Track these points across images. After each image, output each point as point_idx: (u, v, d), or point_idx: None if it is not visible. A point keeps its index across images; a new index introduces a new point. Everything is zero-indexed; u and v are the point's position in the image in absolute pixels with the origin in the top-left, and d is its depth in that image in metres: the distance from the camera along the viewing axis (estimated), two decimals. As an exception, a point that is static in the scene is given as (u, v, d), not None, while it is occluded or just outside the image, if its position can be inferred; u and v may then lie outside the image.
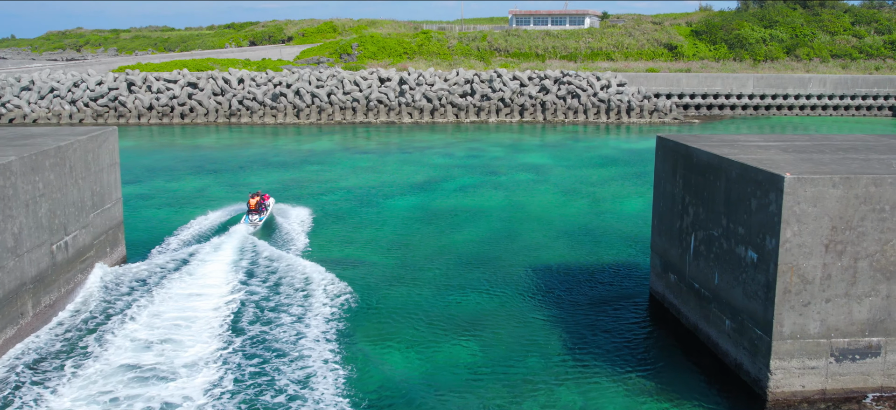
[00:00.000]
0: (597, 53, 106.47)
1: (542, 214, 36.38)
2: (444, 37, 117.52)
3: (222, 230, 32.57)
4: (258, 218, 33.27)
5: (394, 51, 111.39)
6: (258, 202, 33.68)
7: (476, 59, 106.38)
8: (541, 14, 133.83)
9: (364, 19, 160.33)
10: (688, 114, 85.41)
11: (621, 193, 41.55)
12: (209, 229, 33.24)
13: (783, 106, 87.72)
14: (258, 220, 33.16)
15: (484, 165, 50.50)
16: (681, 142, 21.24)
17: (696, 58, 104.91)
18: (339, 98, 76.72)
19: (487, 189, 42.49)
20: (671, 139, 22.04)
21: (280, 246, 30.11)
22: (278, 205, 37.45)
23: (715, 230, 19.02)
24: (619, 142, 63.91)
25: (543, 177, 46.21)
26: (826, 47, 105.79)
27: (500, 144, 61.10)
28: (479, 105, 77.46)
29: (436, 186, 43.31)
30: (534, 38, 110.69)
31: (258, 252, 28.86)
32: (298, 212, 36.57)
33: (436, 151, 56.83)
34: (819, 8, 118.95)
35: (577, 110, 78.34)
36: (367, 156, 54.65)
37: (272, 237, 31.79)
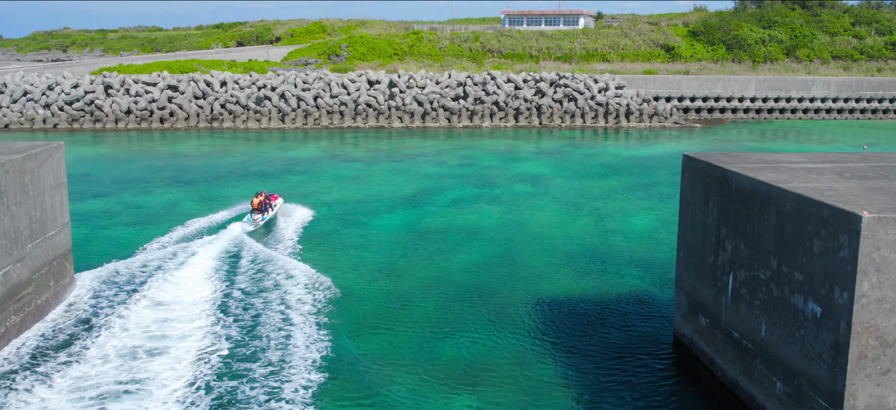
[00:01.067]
0: (592, 54, 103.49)
1: (544, 234, 33.17)
2: (436, 37, 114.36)
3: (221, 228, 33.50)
4: (260, 217, 34.18)
5: (384, 52, 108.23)
6: (261, 201, 34.52)
7: (468, 60, 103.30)
8: (534, 14, 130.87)
9: (353, 19, 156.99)
10: (688, 117, 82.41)
11: (628, 209, 38.38)
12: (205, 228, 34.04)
13: (786, 109, 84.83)
14: (260, 220, 34.08)
15: (478, 175, 47.31)
16: (715, 164, 18.08)
17: (694, 59, 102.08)
18: (326, 101, 73.41)
19: (483, 203, 39.27)
20: (702, 159, 18.87)
21: (256, 266, 26.86)
22: (286, 205, 38.07)
23: (761, 272, 15.87)
24: (619, 148, 60.79)
25: (542, 190, 43.04)
26: (826, 48, 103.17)
27: (495, 151, 57.93)
28: (472, 109, 74.29)
29: (427, 200, 40.07)
30: (527, 39, 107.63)
31: (234, 278, 25.66)
32: (302, 214, 36.95)
33: (427, 159, 53.61)
34: (818, 8, 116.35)
35: (574, 114, 75.24)
36: (354, 164, 51.38)
37: (249, 255, 28.54)
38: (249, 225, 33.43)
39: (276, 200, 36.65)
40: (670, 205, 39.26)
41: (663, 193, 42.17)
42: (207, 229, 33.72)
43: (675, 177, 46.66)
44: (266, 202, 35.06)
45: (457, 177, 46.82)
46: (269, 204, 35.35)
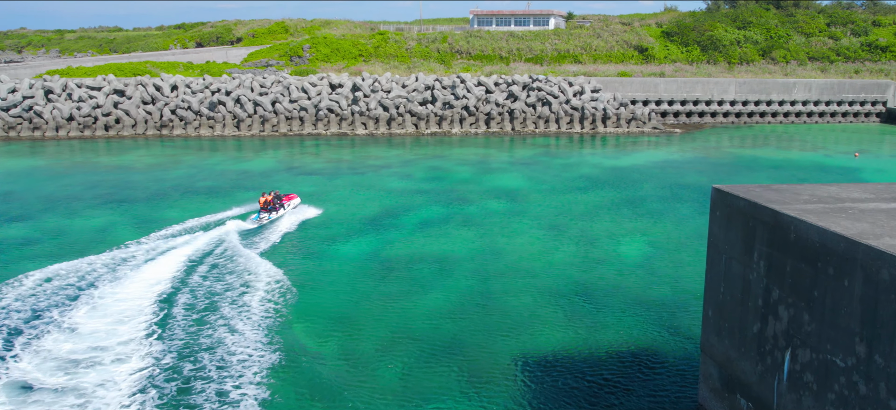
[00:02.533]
0: (564, 56, 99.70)
1: (524, 266, 28.92)
2: (402, 38, 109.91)
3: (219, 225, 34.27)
4: (267, 216, 35.71)
5: (348, 53, 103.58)
6: (267, 201, 36.00)
7: (436, 61, 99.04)
8: (503, 14, 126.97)
9: (318, 20, 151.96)
10: (667, 122, 78.86)
11: (616, 231, 34.28)
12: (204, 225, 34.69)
13: (766, 113, 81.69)
14: (266, 218, 35.61)
15: (449, 191, 42.99)
16: (762, 204, 13.93)
17: (668, 60, 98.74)
18: (285, 107, 68.68)
19: (455, 226, 34.94)
20: (742, 196, 14.71)
21: (192, 316, 22.33)
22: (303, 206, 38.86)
23: (836, 355, 11.76)
24: (598, 157, 56.84)
25: (520, 208, 38.82)
26: (802, 49, 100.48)
27: (467, 161, 53.67)
28: (440, 114, 69.99)
29: (391, 223, 35.63)
30: (497, 40, 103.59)
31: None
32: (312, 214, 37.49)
33: (393, 172, 49.20)
34: (793, 8, 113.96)
35: (548, 119, 71.25)
36: (313, 178, 46.78)
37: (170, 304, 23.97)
38: (253, 224, 34.98)
39: (290, 201, 38.06)
40: (662, 225, 35.26)
41: (652, 211, 38.19)
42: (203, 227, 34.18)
43: (663, 191, 42.79)
44: (274, 202, 36.34)
45: (425, 192, 42.45)
46: (279, 203, 36.65)
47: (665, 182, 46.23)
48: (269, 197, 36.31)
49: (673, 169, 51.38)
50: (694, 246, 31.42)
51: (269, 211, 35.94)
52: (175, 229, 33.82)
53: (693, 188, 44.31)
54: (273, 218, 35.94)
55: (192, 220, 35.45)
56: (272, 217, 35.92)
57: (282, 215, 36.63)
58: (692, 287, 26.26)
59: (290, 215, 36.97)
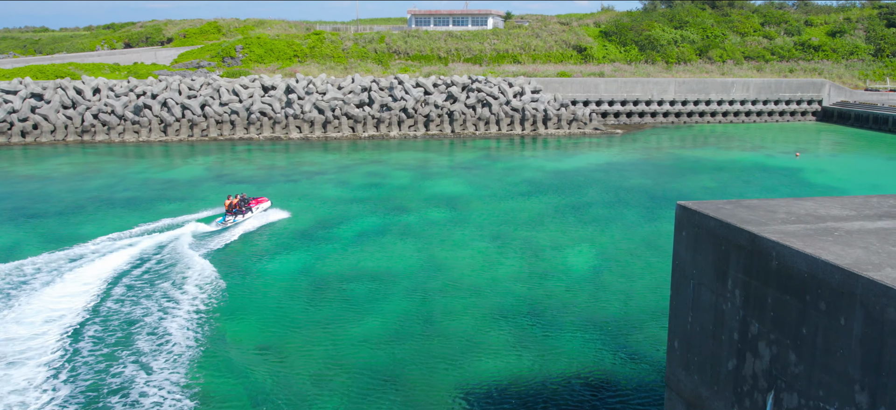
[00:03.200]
0: (503, 56, 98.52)
1: (467, 281, 27.11)
2: (339, 38, 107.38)
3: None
4: (231, 219, 35.04)
5: (283, 53, 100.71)
6: (232, 204, 35.52)
7: (373, 62, 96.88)
8: (441, 14, 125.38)
9: (252, 19, 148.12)
10: (608, 123, 78.13)
11: (562, 241, 32.73)
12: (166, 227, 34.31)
13: (705, 112, 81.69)
14: (230, 221, 34.94)
15: (387, 198, 40.98)
16: (735, 225, 12.30)
17: (607, 60, 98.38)
18: (215, 110, 65.72)
19: (393, 238, 32.95)
20: (712, 215, 13.07)
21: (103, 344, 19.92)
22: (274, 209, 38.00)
23: (831, 404, 10.17)
24: (540, 160, 55.47)
25: (461, 216, 37.04)
26: (738, 49, 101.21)
27: (405, 166, 51.72)
28: (378, 116, 67.88)
29: (325, 235, 33.46)
30: (435, 40, 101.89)
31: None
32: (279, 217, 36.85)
33: (328, 178, 46.96)
34: (728, 8, 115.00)
35: (488, 121, 69.73)
36: (243, 186, 44.24)
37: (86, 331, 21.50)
38: (215, 227, 34.38)
39: (259, 204, 37.36)
40: (609, 232, 33.86)
41: (598, 217, 36.80)
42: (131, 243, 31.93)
43: (607, 196, 41.53)
44: (240, 205, 35.81)
45: (362, 201, 40.34)
46: (245, 207, 36.06)
47: (609, 186, 45.01)
48: (235, 200, 35.98)
49: (616, 171, 50.26)
50: (644, 256, 30.05)
51: (234, 213, 35.46)
52: (88, 248, 31.11)
53: (638, 192, 43.16)
54: (237, 221, 35.28)
55: (105, 237, 32.69)
56: (237, 220, 35.29)
57: (247, 218, 35.94)
58: (646, 303, 24.80)
59: (256, 219, 36.25)
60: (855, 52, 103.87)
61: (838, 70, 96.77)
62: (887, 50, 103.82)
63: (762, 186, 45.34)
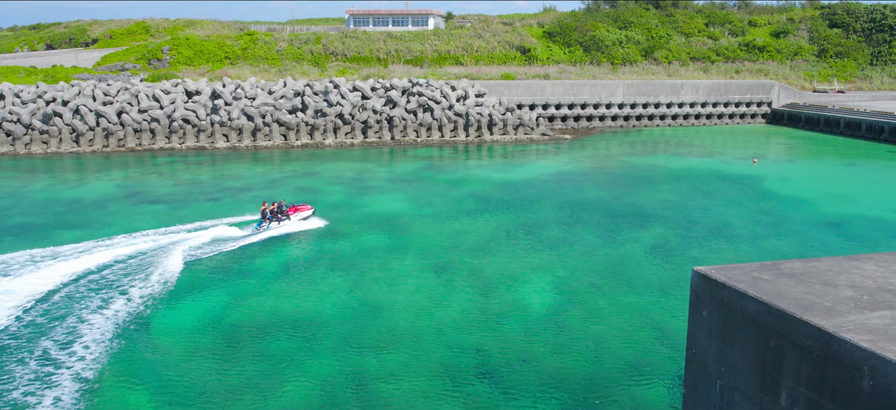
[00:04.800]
0: (445, 57, 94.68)
1: (409, 328, 23.04)
2: (273, 39, 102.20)
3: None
4: (266, 225, 34.37)
5: (213, 55, 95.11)
6: (265, 210, 34.72)
7: (310, 64, 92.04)
8: (381, 14, 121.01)
9: (182, 19, 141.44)
10: (555, 127, 74.88)
11: (516, 269, 28.88)
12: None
13: (654, 115, 79.10)
14: (265, 227, 34.26)
15: (317, 222, 36.59)
16: (791, 314, 8.47)
17: (551, 61, 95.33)
18: (133, 118, 60.35)
19: (322, 271, 28.66)
20: (751, 294, 9.22)
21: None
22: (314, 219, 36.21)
23: None
24: (486, 169, 51.72)
25: (402, 241, 32.94)
26: (683, 49, 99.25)
27: (340, 179, 47.40)
28: (312, 123, 63.31)
29: (244, 269, 28.98)
30: (374, 41, 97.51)
31: None
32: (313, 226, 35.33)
33: (253, 196, 42.36)
34: (672, 8, 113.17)
35: (430, 127, 65.74)
36: (156, 208, 39.42)
37: None
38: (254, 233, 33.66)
39: (297, 212, 35.75)
40: (567, 258, 30.16)
41: (554, 240, 33.10)
42: None
43: (561, 213, 37.94)
44: (277, 211, 34.88)
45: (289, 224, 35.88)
46: (282, 215, 34.94)
47: (563, 200, 41.44)
48: (272, 205, 35.22)
49: (568, 182, 46.79)
50: (609, 290, 26.38)
51: (269, 220, 34.57)
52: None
53: (594, 207, 39.66)
54: (270, 227, 34.37)
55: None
56: (270, 227, 34.41)
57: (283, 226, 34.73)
58: (617, 354, 21.11)
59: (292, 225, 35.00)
60: (799, 53, 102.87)
61: (784, 71, 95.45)
62: (830, 50, 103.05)
63: (725, 198, 42.27)
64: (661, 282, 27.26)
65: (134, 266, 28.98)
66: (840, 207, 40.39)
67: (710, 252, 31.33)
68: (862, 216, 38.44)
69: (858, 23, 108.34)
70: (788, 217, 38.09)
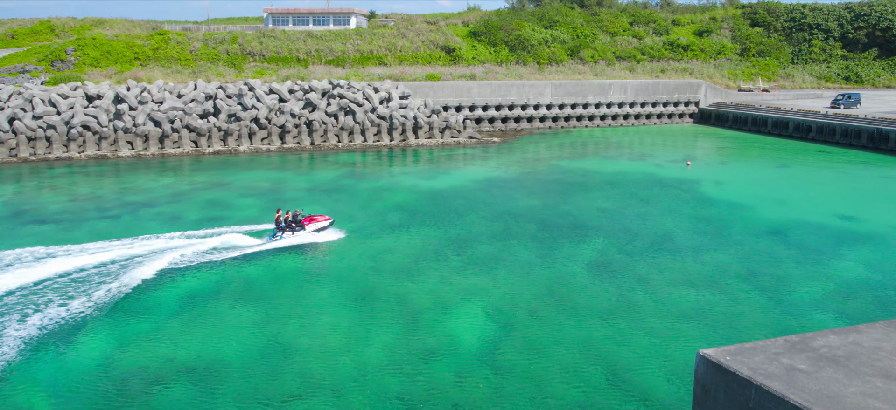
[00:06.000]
0: (367, 57, 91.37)
1: (325, 375, 19.92)
2: (186, 39, 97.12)
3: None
4: (280, 235, 33.00)
5: (122, 56, 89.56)
6: (278, 219, 33.22)
7: (226, 65, 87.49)
8: (301, 12, 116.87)
9: (90, 19, 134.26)
10: (482, 129, 72.46)
11: (445, 295, 26.04)
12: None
13: (583, 116, 77.52)
14: (279, 237, 32.89)
15: (225, 244, 33.01)
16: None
17: (477, 61, 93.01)
18: (26, 125, 55.35)
19: (228, 304, 25.24)
20: (787, 397, 6.59)
21: None
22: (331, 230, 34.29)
23: None
24: (411, 176, 48.83)
25: (319, 264, 29.75)
26: (609, 49, 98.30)
27: (254, 191, 43.81)
28: (225, 128, 59.32)
29: (137, 304, 25.31)
30: (294, 40, 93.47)
31: None
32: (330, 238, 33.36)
33: (156, 212, 38.49)
34: (597, 7, 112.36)
35: (352, 131, 62.46)
36: (42, 229, 35.21)
37: None
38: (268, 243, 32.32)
39: (313, 223, 33.93)
40: (502, 279, 27.47)
41: (486, 258, 30.41)
42: None
43: (494, 225, 35.36)
44: (291, 221, 33.40)
45: (192, 247, 32.17)
46: (296, 224, 33.40)
47: (494, 211, 38.84)
48: (286, 214, 33.74)
49: (499, 190, 44.26)
50: (551, 318, 23.78)
51: (282, 230, 33.11)
52: None
53: (527, 218, 37.17)
54: (283, 237, 32.95)
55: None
56: (283, 236, 32.94)
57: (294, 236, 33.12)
58: (565, 395, 18.49)
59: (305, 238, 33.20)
60: (722, 52, 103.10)
61: (708, 70, 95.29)
62: (752, 49, 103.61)
63: (664, 206, 40.32)
64: (605, 306, 24.82)
65: (8, 305, 25.05)
66: (780, 213, 38.86)
67: (654, 268, 29.08)
68: (803, 222, 36.94)
69: (779, 22, 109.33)
70: (729, 225, 36.29)
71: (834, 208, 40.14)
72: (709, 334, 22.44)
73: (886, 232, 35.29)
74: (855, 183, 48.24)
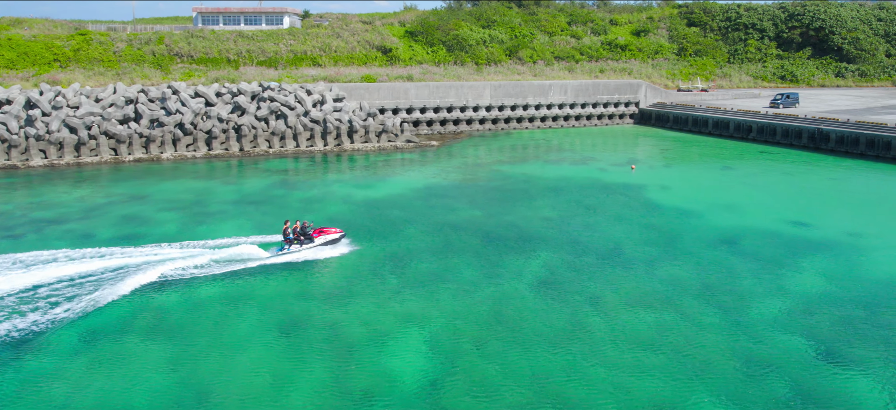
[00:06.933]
0: (301, 58, 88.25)
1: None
2: (109, 39, 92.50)
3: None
4: (288, 248, 31.31)
5: (40, 58, 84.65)
6: (287, 230, 31.38)
7: (151, 66, 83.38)
8: (231, 12, 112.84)
9: (6, 18, 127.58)
10: (420, 133, 70.21)
11: (383, 324, 23.67)
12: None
13: (523, 117, 75.93)
14: (287, 250, 31.20)
15: (139, 265, 29.97)
16: None
17: (414, 61, 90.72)
18: (-73, 134, 51.11)
19: (137, 338, 22.41)
20: None
21: None
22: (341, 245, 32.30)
23: None
24: (346, 186, 46.32)
25: (243, 289, 27.00)
26: (547, 49, 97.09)
27: (176, 204, 40.72)
28: (147, 134, 55.81)
29: (29, 341, 22.31)
30: (223, 41, 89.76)
31: None
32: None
33: (65, 230, 35.18)
34: (535, 7, 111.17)
35: (284, 136, 59.53)
36: None
37: None
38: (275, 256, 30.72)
39: (323, 235, 32.27)
40: (442, 303, 25.22)
41: (424, 277, 28.14)
42: None
43: (433, 240, 33.21)
44: (300, 233, 31.79)
45: (105, 272, 29.03)
46: (305, 237, 31.80)
47: (433, 222, 36.60)
48: (296, 225, 32.04)
49: (438, 199, 42.05)
50: (494, 345, 21.61)
51: (290, 242, 31.40)
52: None
53: (469, 230, 35.03)
54: (291, 249, 31.32)
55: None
56: (291, 249, 31.33)
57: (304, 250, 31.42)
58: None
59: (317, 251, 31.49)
60: (660, 51, 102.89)
61: (646, 69, 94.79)
62: (690, 49, 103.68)
63: (610, 213, 38.61)
64: (556, 332, 22.78)
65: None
66: (730, 220, 37.51)
67: (606, 285, 27.18)
68: (754, 229, 35.61)
69: (715, 21, 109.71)
70: (680, 234, 34.72)
71: (784, 213, 38.98)
72: (671, 365, 20.56)
73: (839, 238, 34.16)
74: (800, 185, 47.41)
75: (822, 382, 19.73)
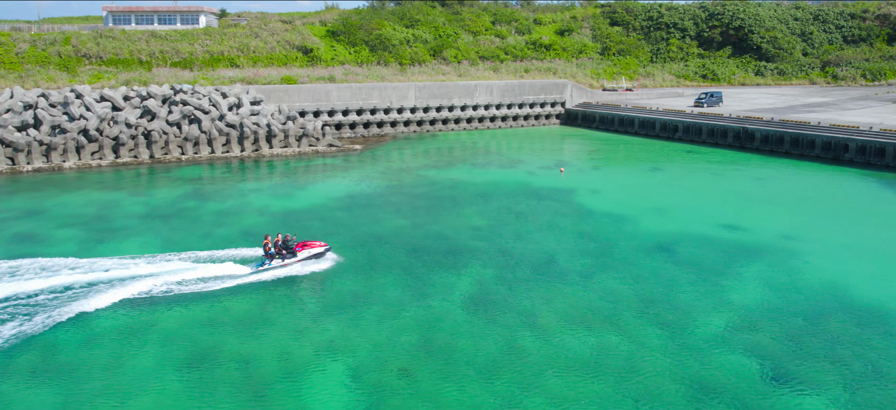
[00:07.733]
0: (218, 59, 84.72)
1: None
2: (10, 40, 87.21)
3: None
4: (268, 263, 29.45)
5: (-68, 60, 79.25)
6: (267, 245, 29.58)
7: (57, 68, 78.73)
8: (144, 11, 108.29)
9: None
10: (343, 136, 67.86)
11: (298, 356, 21.50)
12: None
13: (449, 119, 74.28)
14: (267, 266, 29.31)
15: (32, 292, 27.04)
16: None
17: (336, 62, 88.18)
18: None
19: (19, 382, 19.71)
20: None
21: None
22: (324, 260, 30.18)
23: None
24: (264, 195, 43.79)
25: (144, 316, 24.42)
26: (472, 48, 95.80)
27: (76, 219, 37.55)
28: (48, 142, 52.02)
29: None
30: (135, 41, 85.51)
31: None
32: None
33: (-53, 251, 31.85)
34: (458, 7, 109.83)
35: (197, 142, 56.41)
36: None
37: None
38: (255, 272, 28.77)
39: (306, 249, 30.21)
40: (364, 329, 23.21)
41: (346, 299, 26.07)
42: None
43: (357, 253, 31.13)
44: (282, 247, 29.75)
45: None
46: (287, 251, 29.77)
47: (357, 234, 34.50)
48: (276, 239, 30.22)
49: (362, 208, 39.95)
50: (424, 376, 19.74)
51: (271, 257, 29.57)
52: None
53: (394, 242, 33.07)
54: (271, 265, 29.41)
55: None
56: (272, 265, 29.43)
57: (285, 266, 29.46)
58: None
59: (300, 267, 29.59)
60: (584, 51, 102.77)
61: (571, 69, 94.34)
62: (613, 48, 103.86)
63: (542, 221, 37.15)
64: (490, 358, 21.03)
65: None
66: (663, 224, 36.49)
67: (540, 301, 25.57)
68: (687, 235, 34.64)
69: (637, 21, 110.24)
70: (613, 242, 33.46)
71: (716, 217, 38.19)
72: (613, 392, 19.00)
73: (773, 242, 33.41)
74: (729, 186, 46.96)
75: (774, 407, 18.45)
